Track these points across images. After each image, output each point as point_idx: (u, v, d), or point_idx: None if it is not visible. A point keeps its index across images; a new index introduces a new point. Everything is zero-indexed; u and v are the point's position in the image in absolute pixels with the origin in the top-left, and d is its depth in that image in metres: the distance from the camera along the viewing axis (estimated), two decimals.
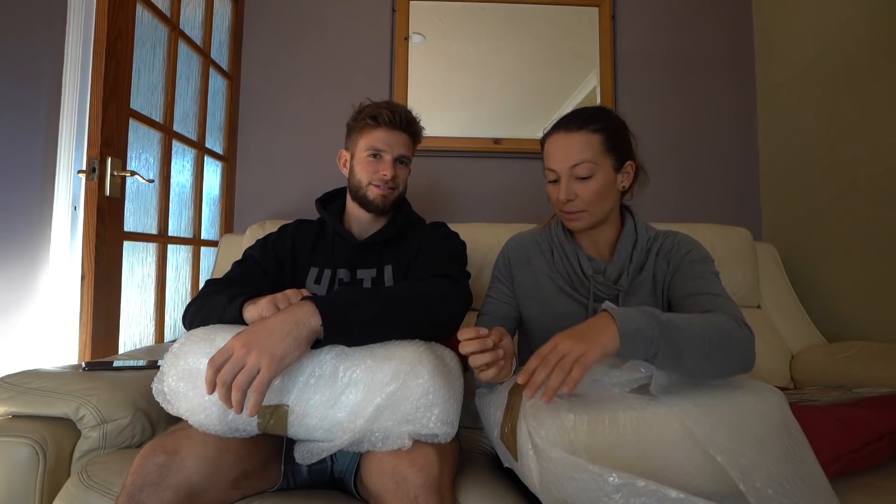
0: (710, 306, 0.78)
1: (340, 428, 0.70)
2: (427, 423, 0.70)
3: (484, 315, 0.99)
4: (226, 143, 1.74)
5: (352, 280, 0.99)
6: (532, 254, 0.99)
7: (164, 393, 0.74)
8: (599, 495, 0.56)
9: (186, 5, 1.53)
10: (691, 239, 0.92)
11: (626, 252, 0.91)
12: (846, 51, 1.46)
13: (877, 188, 1.35)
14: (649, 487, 0.54)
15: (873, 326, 1.37)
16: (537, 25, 1.83)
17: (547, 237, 0.99)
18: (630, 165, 0.90)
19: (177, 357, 0.73)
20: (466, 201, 1.79)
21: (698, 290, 0.82)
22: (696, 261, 0.87)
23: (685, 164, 1.83)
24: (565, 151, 0.87)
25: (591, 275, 0.90)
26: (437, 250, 1.00)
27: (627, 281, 0.89)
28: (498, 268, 1.02)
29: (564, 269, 0.94)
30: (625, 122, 0.92)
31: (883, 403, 0.94)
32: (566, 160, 0.86)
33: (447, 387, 0.72)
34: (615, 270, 0.90)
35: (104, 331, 1.14)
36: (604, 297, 0.90)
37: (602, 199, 0.87)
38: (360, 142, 1.03)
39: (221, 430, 0.70)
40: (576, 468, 0.57)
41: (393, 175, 1.00)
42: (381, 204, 1.02)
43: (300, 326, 0.67)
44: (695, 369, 0.67)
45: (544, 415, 0.63)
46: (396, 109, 1.02)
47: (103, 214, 1.13)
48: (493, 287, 1.02)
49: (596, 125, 0.86)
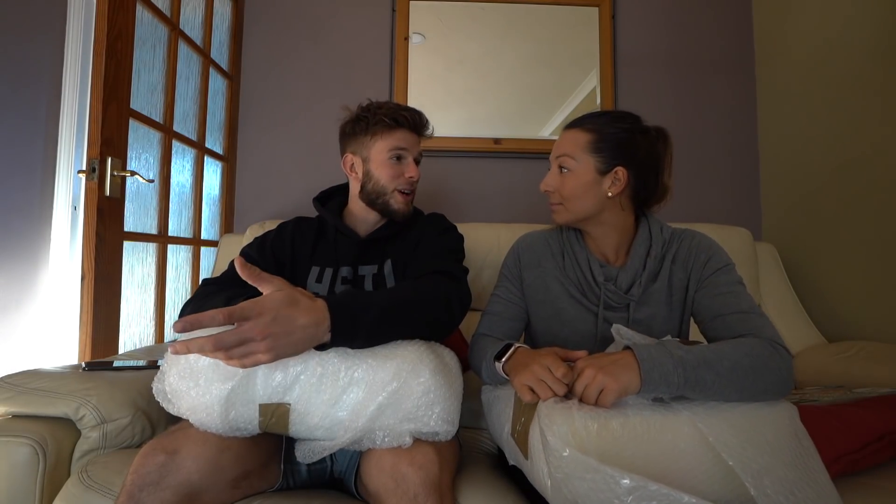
0: (741, 329, 0.75)
1: (342, 426, 0.70)
2: (428, 422, 0.70)
3: (491, 314, 0.96)
4: (226, 143, 1.74)
5: (353, 277, 0.99)
6: (543, 256, 0.96)
7: (165, 392, 0.74)
8: (611, 497, 0.56)
9: (186, 5, 1.53)
10: (709, 241, 0.89)
11: (639, 259, 0.88)
12: (847, 50, 1.46)
13: (877, 188, 1.35)
14: (661, 491, 0.54)
15: (873, 326, 1.37)
16: (537, 25, 1.83)
17: (558, 239, 0.97)
18: (621, 171, 0.85)
19: (177, 356, 0.73)
20: (466, 201, 1.79)
21: (726, 308, 0.79)
22: (720, 270, 0.84)
23: (685, 164, 1.82)
24: (558, 143, 0.91)
25: (602, 282, 0.88)
26: (436, 244, 1.00)
27: (639, 291, 0.87)
28: (507, 266, 1.00)
29: (575, 274, 0.92)
30: (638, 130, 0.88)
31: (883, 403, 0.94)
32: (555, 151, 0.91)
33: (447, 385, 0.72)
34: (627, 278, 0.88)
35: (104, 331, 1.14)
36: (614, 305, 0.88)
37: (579, 196, 0.87)
38: (376, 144, 1.00)
39: (223, 428, 0.70)
40: (588, 468, 0.57)
41: (418, 175, 1.03)
42: (405, 212, 1.03)
43: (316, 337, 0.66)
44: (724, 398, 0.66)
45: (557, 414, 0.63)
46: (412, 111, 1.03)
47: (103, 214, 1.13)
48: (502, 286, 0.99)
49: (591, 125, 0.88)
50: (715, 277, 0.83)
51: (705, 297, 0.83)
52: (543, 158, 1.78)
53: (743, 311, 0.77)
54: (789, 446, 0.62)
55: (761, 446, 0.60)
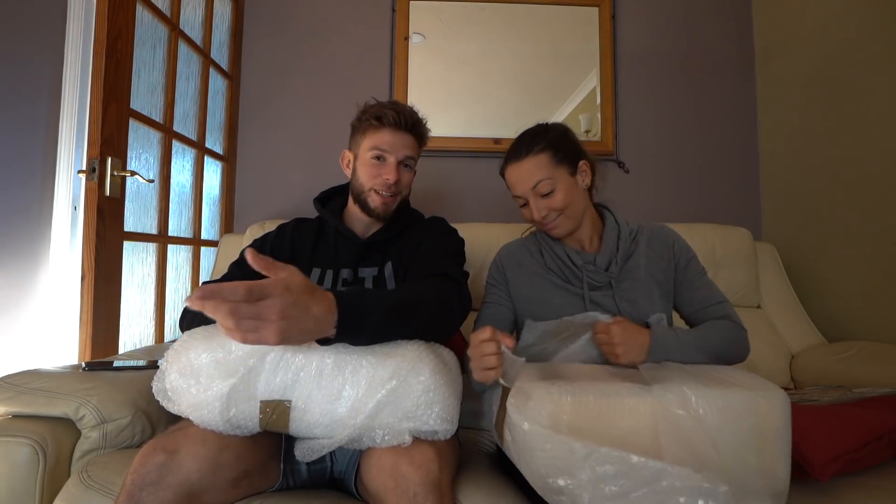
0: (717, 315, 0.93)
1: (341, 424, 0.70)
2: (427, 420, 0.70)
3: (483, 319, 1.00)
4: (226, 143, 1.74)
5: (354, 279, 0.99)
6: (523, 257, 1.03)
7: (166, 390, 0.74)
8: (570, 465, 0.58)
9: (186, 5, 1.53)
10: (675, 233, 1.01)
11: (612, 242, 0.98)
12: (847, 50, 1.46)
13: (877, 188, 1.35)
14: (612, 454, 0.57)
15: (873, 326, 1.37)
16: (537, 25, 1.83)
17: (535, 241, 1.05)
18: (584, 164, 0.96)
19: (178, 354, 0.73)
20: (466, 201, 1.79)
21: (706, 301, 0.95)
22: (691, 260, 0.98)
23: (685, 164, 1.82)
24: (521, 178, 0.95)
25: (581, 265, 0.96)
26: (438, 247, 0.99)
27: (617, 268, 0.96)
28: (492, 275, 1.05)
29: (556, 265, 0.99)
30: (566, 128, 0.99)
31: (883, 403, 0.94)
32: (526, 184, 0.94)
33: (447, 385, 0.72)
34: (604, 260, 0.97)
35: (104, 331, 1.14)
36: (597, 284, 0.95)
37: (572, 203, 0.94)
38: (363, 143, 1.01)
39: (223, 426, 0.70)
40: (546, 439, 0.60)
41: (396, 179, 0.98)
42: (382, 212, 1.01)
43: (322, 330, 0.65)
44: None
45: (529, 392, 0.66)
46: (402, 110, 1.00)
47: (103, 214, 1.13)
48: (490, 293, 1.04)
49: (538, 146, 0.93)
50: (689, 272, 0.97)
51: (686, 291, 0.97)
52: None
53: (718, 301, 0.95)
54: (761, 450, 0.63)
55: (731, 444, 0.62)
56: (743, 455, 0.62)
